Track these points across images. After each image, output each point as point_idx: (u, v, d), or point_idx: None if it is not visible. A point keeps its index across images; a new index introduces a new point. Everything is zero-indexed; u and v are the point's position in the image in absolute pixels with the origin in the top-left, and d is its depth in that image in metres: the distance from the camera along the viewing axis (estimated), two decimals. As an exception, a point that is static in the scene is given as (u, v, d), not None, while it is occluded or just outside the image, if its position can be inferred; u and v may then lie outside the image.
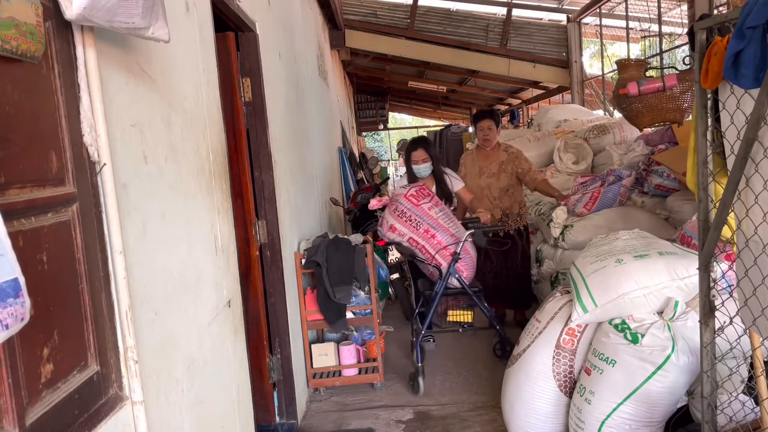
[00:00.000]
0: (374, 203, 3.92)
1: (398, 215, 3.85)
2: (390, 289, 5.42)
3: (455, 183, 4.42)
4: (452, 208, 4.39)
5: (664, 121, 4.22)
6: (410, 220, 3.83)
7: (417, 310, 4.09)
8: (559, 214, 4.35)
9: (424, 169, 4.32)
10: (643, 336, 2.49)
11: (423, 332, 3.82)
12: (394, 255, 4.95)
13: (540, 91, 11.52)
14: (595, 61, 11.32)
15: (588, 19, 9.34)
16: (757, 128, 1.66)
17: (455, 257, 3.80)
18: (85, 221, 1.31)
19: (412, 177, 4.37)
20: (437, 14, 9.58)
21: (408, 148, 4.45)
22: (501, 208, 4.59)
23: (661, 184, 4.11)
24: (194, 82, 2.16)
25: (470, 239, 3.87)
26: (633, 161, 4.71)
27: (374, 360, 3.89)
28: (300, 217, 4.04)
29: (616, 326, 2.60)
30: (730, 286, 2.42)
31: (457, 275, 3.84)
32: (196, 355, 1.94)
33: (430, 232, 3.83)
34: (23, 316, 0.93)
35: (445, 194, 4.33)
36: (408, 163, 4.39)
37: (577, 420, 2.64)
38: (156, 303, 1.65)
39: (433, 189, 4.30)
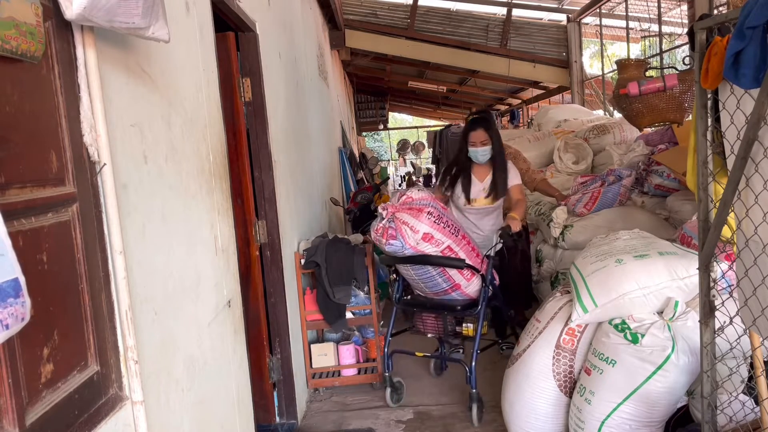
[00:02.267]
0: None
1: (434, 221, 3.18)
2: (390, 290, 5.42)
3: (512, 177, 3.80)
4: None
5: (665, 121, 4.22)
6: (448, 226, 3.24)
7: (389, 338, 3.59)
8: (559, 214, 4.35)
9: (482, 153, 3.69)
10: (643, 336, 2.49)
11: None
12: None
13: (540, 91, 11.53)
14: (595, 61, 11.33)
15: (588, 19, 9.34)
16: (757, 128, 1.66)
17: (492, 261, 3.42)
18: (85, 221, 1.31)
19: (463, 161, 3.79)
20: (437, 14, 9.58)
21: (466, 127, 3.81)
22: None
23: (661, 184, 4.11)
24: (194, 82, 2.16)
25: (501, 241, 3.48)
26: (633, 161, 4.71)
27: (374, 360, 3.89)
28: (300, 217, 4.04)
29: (616, 326, 2.60)
30: (730, 286, 2.42)
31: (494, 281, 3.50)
32: (196, 355, 1.94)
33: (465, 237, 3.35)
34: (23, 316, 0.93)
35: (498, 188, 3.73)
36: (464, 144, 3.77)
37: (577, 420, 2.64)
38: (156, 303, 1.65)
39: (488, 179, 3.77)
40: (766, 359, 2.11)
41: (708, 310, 2.08)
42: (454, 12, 9.72)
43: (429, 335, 3.67)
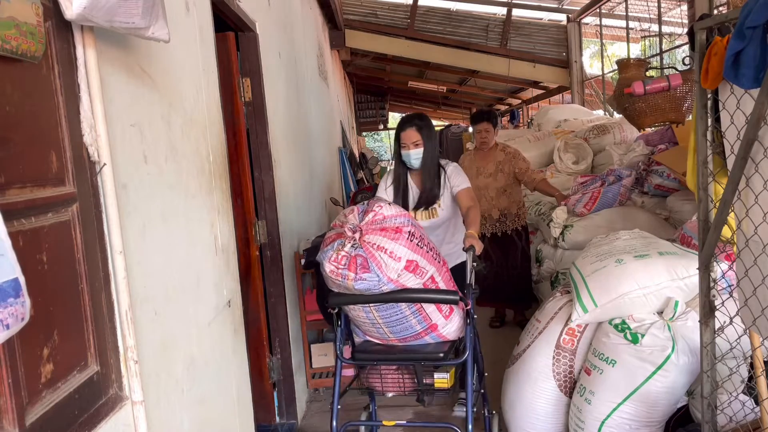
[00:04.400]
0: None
1: (417, 244, 2.38)
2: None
3: (457, 181, 3.19)
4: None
5: (667, 120, 4.23)
6: (431, 249, 2.46)
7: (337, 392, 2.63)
8: (559, 214, 4.35)
9: (415, 156, 3.10)
10: (643, 336, 2.49)
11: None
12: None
13: (540, 91, 11.53)
14: (595, 61, 11.33)
15: (588, 19, 9.34)
16: (757, 128, 1.66)
17: (473, 291, 2.59)
18: (85, 221, 1.31)
19: (400, 167, 3.23)
20: (437, 14, 9.59)
21: (398, 126, 3.24)
22: (498, 208, 4.59)
23: (661, 184, 4.11)
24: (194, 82, 2.16)
25: (475, 265, 2.68)
26: (633, 161, 4.72)
27: (374, 360, 3.89)
28: (300, 217, 4.04)
29: (616, 326, 2.60)
30: (730, 286, 2.42)
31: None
32: (196, 355, 1.94)
33: (445, 263, 2.57)
34: (23, 316, 0.93)
35: (426, 200, 3.18)
36: (397, 145, 3.21)
37: (577, 420, 2.64)
38: (156, 303, 1.65)
39: (416, 183, 3.23)
40: (766, 359, 2.11)
41: (708, 310, 2.08)
42: (454, 12, 9.73)
43: (389, 394, 2.74)
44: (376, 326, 2.58)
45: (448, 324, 2.57)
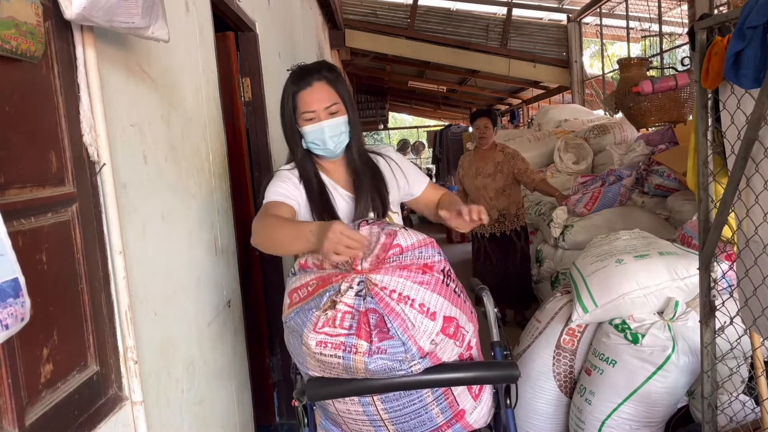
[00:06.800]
0: None
1: (454, 289, 1.57)
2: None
3: (417, 174, 2.01)
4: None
5: (670, 120, 4.23)
6: (468, 299, 1.67)
7: None
8: (559, 214, 4.35)
9: (332, 131, 1.80)
10: (643, 336, 2.49)
11: None
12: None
13: (540, 91, 11.53)
14: (595, 61, 11.33)
15: (588, 19, 9.34)
16: (757, 128, 1.66)
17: (506, 351, 1.85)
18: (85, 221, 1.31)
19: (306, 159, 1.87)
20: (437, 14, 9.59)
21: (293, 85, 1.82)
22: (497, 208, 4.59)
23: (662, 184, 4.11)
24: (194, 82, 2.16)
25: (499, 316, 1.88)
26: (633, 161, 4.72)
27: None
28: (300, 217, 4.03)
29: (616, 326, 2.60)
30: (730, 286, 2.42)
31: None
32: (195, 355, 1.94)
33: (476, 317, 1.70)
34: (23, 316, 0.92)
35: (380, 197, 1.88)
36: (292, 121, 1.83)
37: (578, 420, 2.64)
38: (156, 303, 1.65)
39: (343, 183, 1.91)
40: (766, 359, 2.11)
41: (708, 310, 2.08)
42: (454, 12, 9.73)
43: None
44: (375, 423, 1.66)
45: (477, 407, 1.72)
